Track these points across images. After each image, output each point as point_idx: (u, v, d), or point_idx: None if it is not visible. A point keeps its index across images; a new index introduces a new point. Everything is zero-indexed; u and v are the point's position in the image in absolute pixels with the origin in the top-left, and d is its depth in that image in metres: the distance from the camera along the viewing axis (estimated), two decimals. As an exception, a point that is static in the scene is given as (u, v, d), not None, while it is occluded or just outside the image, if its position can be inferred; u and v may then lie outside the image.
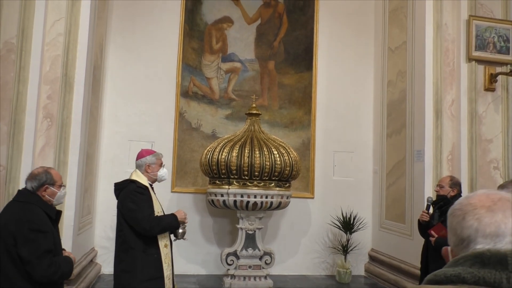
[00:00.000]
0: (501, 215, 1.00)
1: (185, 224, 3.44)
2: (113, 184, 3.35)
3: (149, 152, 3.45)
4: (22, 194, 2.69)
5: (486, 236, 0.99)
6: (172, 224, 3.28)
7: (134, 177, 3.32)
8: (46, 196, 2.67)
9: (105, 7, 5.50)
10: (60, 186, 2.76)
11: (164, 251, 3.23)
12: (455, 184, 3.87)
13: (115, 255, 3.25)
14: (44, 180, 2.67)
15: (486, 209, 1.01)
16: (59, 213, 2.78)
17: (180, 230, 3.38)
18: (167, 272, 3.22)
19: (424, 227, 3.84)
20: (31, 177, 2.69)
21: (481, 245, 0.99)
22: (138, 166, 3.39)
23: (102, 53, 5.46)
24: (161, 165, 3.44)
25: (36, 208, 2.59)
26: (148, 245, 3.17)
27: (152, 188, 3.43)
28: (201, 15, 6.41)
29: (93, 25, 4.63)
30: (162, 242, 3.25)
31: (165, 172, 3.47)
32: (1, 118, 3.99)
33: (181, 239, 3.44)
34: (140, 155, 3.42)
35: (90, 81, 4.68)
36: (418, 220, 3.94)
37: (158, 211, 3.30)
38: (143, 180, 3.31)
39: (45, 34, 4.23)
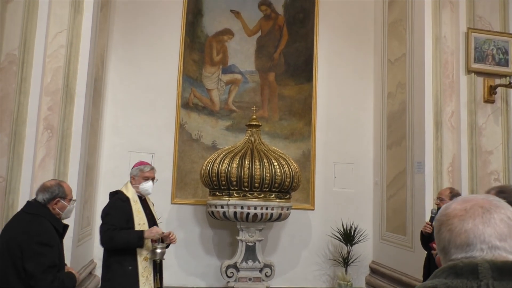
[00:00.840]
0: (471, 223, 1.00)
1: (164, 244, 3.28)
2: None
3: (138, 164, 3.50)
4: (31, 205, 2.67)
5: (457, 247, 1.01)
6: (130, 241, 3.15)
7: (122, 188, 3.37)
8: (56, 209, 2.67)
9: (107, 19, 5.54)
10: (71, 200, 2.75)
11: (142, 264, 3.16)
12: (455, 196, 3.86)
13: (102, 264, 3.31)
14: (57, 193, 2.67)
15: (458, 219, 1.02)
16: (66, 227, 2.77)
17: (158, 250, 3.21)
18: (144, 286, 3.14)
19: (426, 239, 3.82)
20: (43, 189, 2.68)
21: (455, 256, 1.01)
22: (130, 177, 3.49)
23: (103, 65, 5.49)
24: (145, 178, 3.42)
25: (45, 221, 2.57)
26: (123, 256, 3.15)
27: (143, 200, 3.42)
28: (202, 27, 6.46)
29: (94, 37, 4.66)
30: (141, 255, 3.18)
31: (148, 186, 3.44)
32: (1, 129, 4.00)
33: (157, 259, 3.25)
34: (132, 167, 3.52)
35: (91, 93, 4.70)
36: (421, 231, 3.93)
37: (139, 223, 3.24)
38: (129, 192, 3.33)
39: (47, 46, 4.25)
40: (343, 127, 6.41)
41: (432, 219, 3.86)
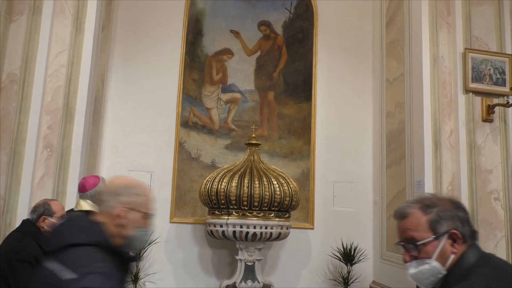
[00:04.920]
0: None
1: None
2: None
3: (97, 178, 3.28)
4: (24, 224, 2.78)
5: None
6: None
7: (88, 208, 2.98)
8: (45, 227, 2.71)
9: (108, 39, 5.61)
10: (60, 217, 2.78)
11: None
12: None
13: None
14: (42, 211, 2.76)
15: None
16: None
17: None
18: None
19: None
20: (32, 209, 2.81)
21: None
22: (92, 197, 3.07)
23: (104, 84, 5.53)
24: None
25: (29, 239, 2.64)
26: None
27: None
28: (202, 47, 6.53)
29: (95, 57, 4.71)
30: None
31: None
32: (1, 148, 4.01)
33: None
34: (92, 185, 3.18)
35: (91, 112, 4.73)
36: None
37: None
38: None
39: (48, 65, 4.30)
40: (343, 146, 6.42)
41: None
